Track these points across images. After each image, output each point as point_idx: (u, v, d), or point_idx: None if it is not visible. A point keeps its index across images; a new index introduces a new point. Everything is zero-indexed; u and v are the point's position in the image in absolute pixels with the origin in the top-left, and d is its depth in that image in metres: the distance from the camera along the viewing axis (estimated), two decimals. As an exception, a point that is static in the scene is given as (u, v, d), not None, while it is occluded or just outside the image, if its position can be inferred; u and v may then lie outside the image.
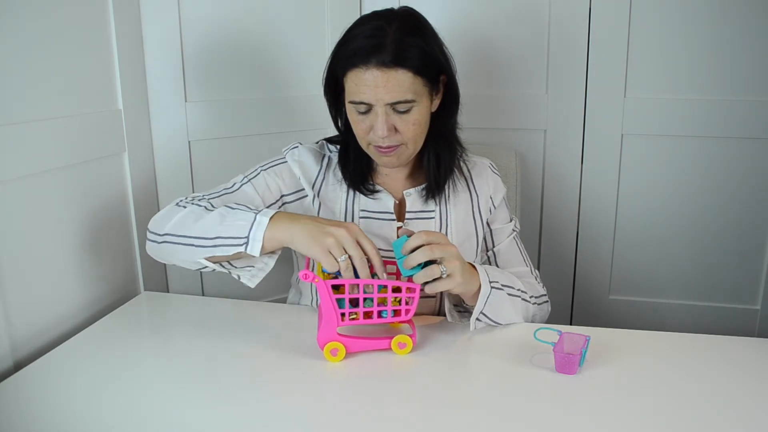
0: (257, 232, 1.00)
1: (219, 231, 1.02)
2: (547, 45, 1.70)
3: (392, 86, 1.05)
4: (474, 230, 1.26)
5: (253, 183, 1.20)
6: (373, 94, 1.06)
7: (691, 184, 1.73)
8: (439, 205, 1.22)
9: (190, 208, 1.09)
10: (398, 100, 1.07)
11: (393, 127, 1.09)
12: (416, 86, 1.08)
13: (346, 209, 1.21)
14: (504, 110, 1.76)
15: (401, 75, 1.05)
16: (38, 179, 1.18)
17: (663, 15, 1.64)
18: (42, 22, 1.18)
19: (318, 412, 0.91)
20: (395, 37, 1.06)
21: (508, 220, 1.30)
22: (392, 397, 0.94)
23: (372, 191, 1.21)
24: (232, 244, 1.01)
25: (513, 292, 1.15)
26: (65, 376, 1.02)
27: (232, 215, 1.04)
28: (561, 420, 0.88)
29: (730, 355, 1.06)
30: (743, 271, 1.76)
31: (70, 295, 1.27)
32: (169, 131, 1.54)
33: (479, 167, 1.29)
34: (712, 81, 1.66)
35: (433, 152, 1.19)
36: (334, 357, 1.02)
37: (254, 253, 1.01)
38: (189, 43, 1.53)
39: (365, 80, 1.06)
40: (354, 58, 1.06)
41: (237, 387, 0.98)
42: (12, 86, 1.11)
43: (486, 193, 1.27)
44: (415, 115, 1.10)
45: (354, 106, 1.10)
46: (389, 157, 1.14)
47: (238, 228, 1.02)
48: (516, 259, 1.29)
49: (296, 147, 1.25)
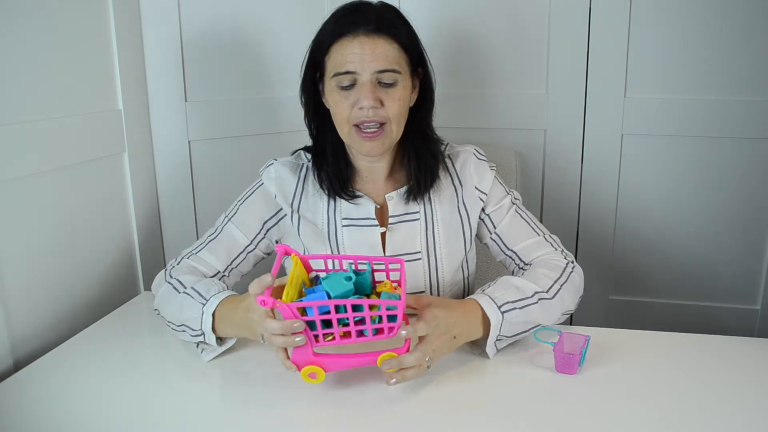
0: (206, 325, 1.03)
1: (181, 320, 1.07)
2: (547, 45, 1.70)
3: (380, 53, 1.05)
4: (460, 224, 1.21)
5: (234, 222, 1.19)
6: (360, 62, 1.05)
7: (691, 184, 1.73)
8: (422, 204, 1.19)
9: (165, 286, 1.11)
10: (385, 68, 1.06)
11: (379, 101, 1.07)
12: (401, 61, 1.08)
13: (328, 219, 1.17)
14: (504, 110, 1.76)
15: (388, 45, 1.06)
16: (38, 179, 1.18)
17: (663, 15, 1.64)
18: (42, 22, 1.18)
19: (318, 412, 0.91)
20: (380, 11, 1.09)
21: (503, 196, 1.23)
22: (390, 397, 0.94)
23: (352, 196, 1.17)
24: (192, 334, 1.06)
25: (527, 303, 1.05)
26: (65, 376, 1.02)
27: (188, 305, 1.06)
28: (561, 420, 0.88)
29: (730, 355, 1.06)
30: (743, 271, 1.76)
31: (70, 295, 1.27)
32: (169, 131, 1.54)
33: (463, 157, 1.23)
34: (712, 81, 1.65)
35: (413, 151, 1.17)
36: (313, 380, 0.93)
37: (213, 344, 1.05)
38: (189, 43, 1.53)
39: (352, 48, 1.05)
40: (340, 28, 1.07)
41: (236, 387, 0.98)
42: (12, 86, 1.11)
43: (471, 183, 1.21)
44: (399, 91, 1.08)
45: (338, 80, 1.07)
46: (374, 141, 1.09)
47: (192, 320, 1.05)
48: (523, 233, 1.20)
49: (271, 164, 1.20)
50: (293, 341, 0.89)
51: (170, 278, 1.12)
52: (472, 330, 1.03)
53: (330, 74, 1.09)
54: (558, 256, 1.17)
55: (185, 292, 1.08)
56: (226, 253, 1.17)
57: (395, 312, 0.89)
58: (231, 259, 1.18)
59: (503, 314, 1.02)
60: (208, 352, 1.07)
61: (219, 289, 1.07)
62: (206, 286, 1.08)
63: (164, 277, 1.14)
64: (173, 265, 1.16)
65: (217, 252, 1.17)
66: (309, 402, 0.93)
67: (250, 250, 1.19)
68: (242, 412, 0.91)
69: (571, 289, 1.13)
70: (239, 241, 1.18)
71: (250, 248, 1.19)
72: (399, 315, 0.89)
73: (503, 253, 1.22)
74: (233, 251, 1.18)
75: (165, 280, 1.13)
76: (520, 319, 1.04)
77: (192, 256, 1.17)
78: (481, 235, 1.25)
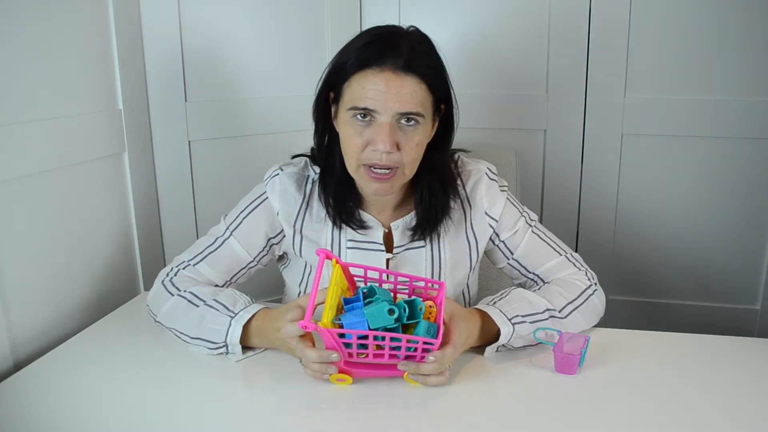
0: (233, 338, 1.01)
1: (198, 332, 1.04)
2: (547, 45, 1.70)
3: (406, 94, 0.96)
4: (468, 250, 1.15)
5: (236, 236, 1.13)
6: (383, 101, 0.96)
7: (691, 184, 1.73)
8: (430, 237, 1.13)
9: (175, 299, 1.08)
10: (410, 111, 0.97)
11: (396, 144, 0.99)
12: (426, 104, 0.99)
13: (332, 240, 1.12)
14: (504, 110, 1.76)
15: (415, 84, 0.97)
16: (38, 179, 1.18)
17: (663, 15, 1.64)
18: (42, 22, 1.18)
19: (316, 412, 0.91)
20: (412, 44, 0.99)
21: (516, 219, 1.15)
22: (385, 397, 0.94)
23: (360, 225, 1.10)
24: (211, 347, 1.04)
25: (538, 318, 1.03)
26: (65, 376, 1.02)
27: (210, 318, 1.03)
28: (561, 420, 0.88)
29: (730, 355, 1.06)
30: (743, 271, 1.77)
31: (70, 295, 1.27)
32: (169, 131, 1.54)
33: (474, 178, 1.15)
34: (711, 81, 1.66)
35: (426, 188, 1.09)
36: (339, 383, 0.96)
37: (237, 354, 1.03)
38: (189, 44, 1.53)
39: (376, 83, 0.96)
40: (366, 58, 0.97)
41: (236, 387, 0.98)
42: (12, 86, 1.11)
43: (481, 208, 1.14)
44: (419, 135, 1.00)
45: (354, 115, 0.99)
46: (383, 183, 1.01)
47: (214, 332, 1.02)
48: (544, 254, 1.15)
49: (277, 174, 1.13)
50: (327, 369, 0.92)
51: (179, 291, 1.08)
52: (484, 339, 1.03)
53: (346, 106, 1.00)
54: (582, 277, 1.14)
55: (207, 305, 1.05)
56: (226, 268, 1.14)
57: (432, 347, 0.90)
58: (231, 275, 1.15)
59: (514, 326, 1.01)
60: (236, 355, 1.04)
61: (246, 303, 1.05)
62: (231, 298, 1.06)
63: (166, 289, 1.10)
64: (171, 277, 1.12)
65: (217, 266, 1.13)
66: (309, 402, 0.93)
67: (253, 266, 1.16)
68: (243, 412, 0.91)
69: (587, 312, 1.10)
70: (241, 258, 1.14)
71: (252, 264, 1.16)
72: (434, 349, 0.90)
73: (524, 276, 1.18)
74: (234, 267, 1.14)
75: (170, 293, 1.09)
76: (528, 332, 1.03)
77: (189, 268, 1.13)
78: (497, 260, 1.20)
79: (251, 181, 1.22)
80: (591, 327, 1.13)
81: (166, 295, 1.09)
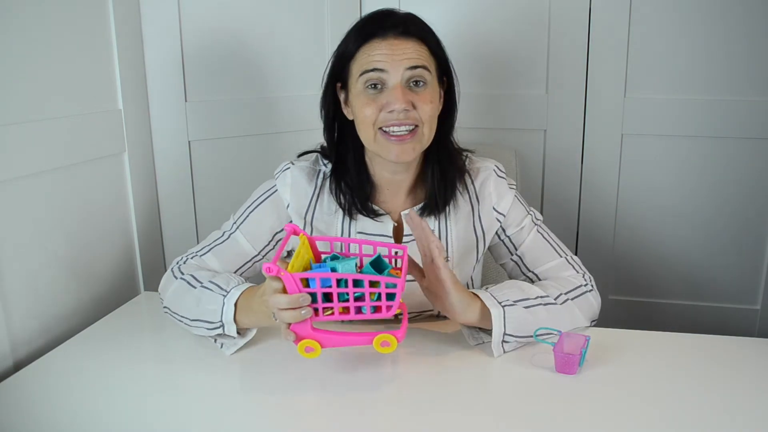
0: (227, 315, 1.02)
1: (197, 314, 1.06)
2: (547, 45, 1.70)
3: (410, 52, 1.03)
4: (474, 243, 1.18)
5: (242, 230, 1.15)
6: (390, 61, 1.02)
7: (691, 184, 1.73)
8: (438, 222, 1.15)
9: (178, 282, 1.11)
10: (417, 64, 1.03)
11: (410, 103, 1.03)
12: (430, 62, 1.06)
13: (342, 231, 1.14)
14: (504, 110, 1.76)
15: (418, 45, 1.04)
16: (38, 179, 1.18)
17: (663, 15, 1.64)
18: (42, 22, 1.18)
19: (317, 412, 0.92)
20: (408, 15, 1.08)
21: (523, 216, 1.19)
22: (386, 397, 0.94)
23: (374, 213, 1.13)
24: (210, 327, 1.05)
25: (530, 303, 1.05)
26: (65, 376, 1.02)
27: (206, 298, 1.05)
28: (561, 420, 0.88)
29: (730, 355, 1.06)
30: (743, 271, 1.76)
31: (70, 295, 1.27)
32: (169, 131, 1.54)
33: (483, 174, 1.18)
34: (712, 81, 1.66)
35: (437, 164, 1.13)
36: (308, 353, 0.94)
37: (233, 335, 1.04)
38: (189, 43, 1.53)
39: (381, 48, 1.03)
40: (367, 32, 1.04)
41: (236, 386, 0.98)
42: (12, 86, 1.11)
43: (489, 203, 1.17)
44: (430, 92, 1.05)
45: (366, 84, 1.04)
46: (404, 144, 1.04)
47: (211, 312, 1.04)
48: (545, 254, 1.18)
49: (288, 168, 1.16)
50: (300, 314, 0.90)
51: (182, 275, 1.11)
52: (483, 322, 1.04)
53: (357, 74, 1.05)
54: (579, 278, 1.16)
55: (203, 287, 1.07)
56: (231, 261, 1.16)
57: (394, 290, 0.90)
58: (236, 268, 1.16)
59: (504, 308, 1.02)
60: (228, 345, 1.06)
61: (239, 282, 1.07)
62: (225, 279, 1.08)
63: (173, 274, 1.13)
64: (179, 264, 1.15)
65: (222, 258, 1.15)
66: (308, 402, 0.94)
67: (257, 260, 1.17)
68: (243, 411, 0.91)
69: (583, 306, 1.12)
70: (246, 251, 1.16)
71: (257, 258, 1.17)
72: (398, 294, 0.91)
73: (524, 274, 1.20)
74: (239, 260, 1.16)
75: (175, 277, 1.12)
76: (525, 317, 1.03)
77: (197, 258, 1.16)
78: (500, 256, 1.22)
79: (251, 181, 1.23)
80: (586, 327, 1.13)
81: (172, 279, 1.13)
